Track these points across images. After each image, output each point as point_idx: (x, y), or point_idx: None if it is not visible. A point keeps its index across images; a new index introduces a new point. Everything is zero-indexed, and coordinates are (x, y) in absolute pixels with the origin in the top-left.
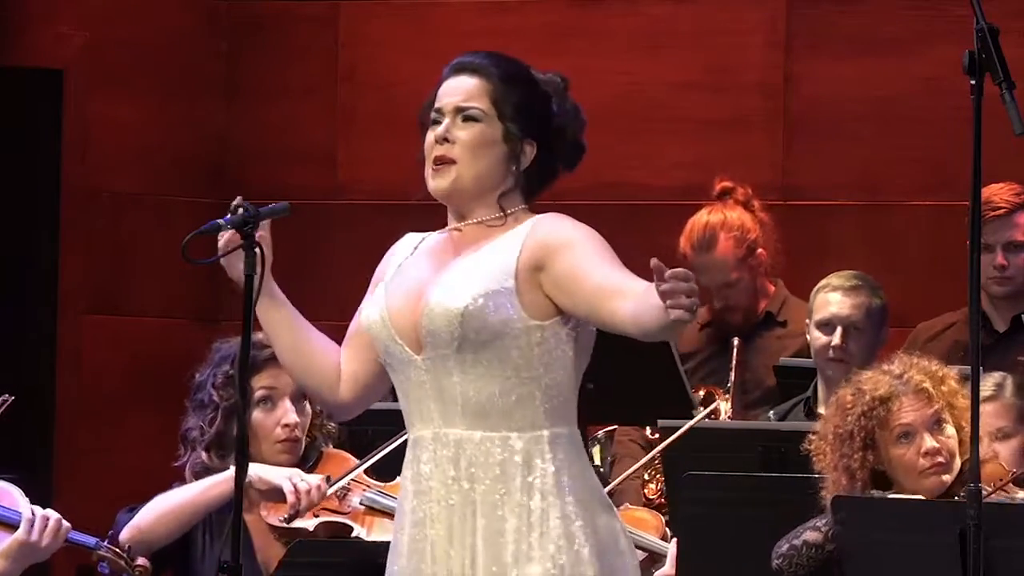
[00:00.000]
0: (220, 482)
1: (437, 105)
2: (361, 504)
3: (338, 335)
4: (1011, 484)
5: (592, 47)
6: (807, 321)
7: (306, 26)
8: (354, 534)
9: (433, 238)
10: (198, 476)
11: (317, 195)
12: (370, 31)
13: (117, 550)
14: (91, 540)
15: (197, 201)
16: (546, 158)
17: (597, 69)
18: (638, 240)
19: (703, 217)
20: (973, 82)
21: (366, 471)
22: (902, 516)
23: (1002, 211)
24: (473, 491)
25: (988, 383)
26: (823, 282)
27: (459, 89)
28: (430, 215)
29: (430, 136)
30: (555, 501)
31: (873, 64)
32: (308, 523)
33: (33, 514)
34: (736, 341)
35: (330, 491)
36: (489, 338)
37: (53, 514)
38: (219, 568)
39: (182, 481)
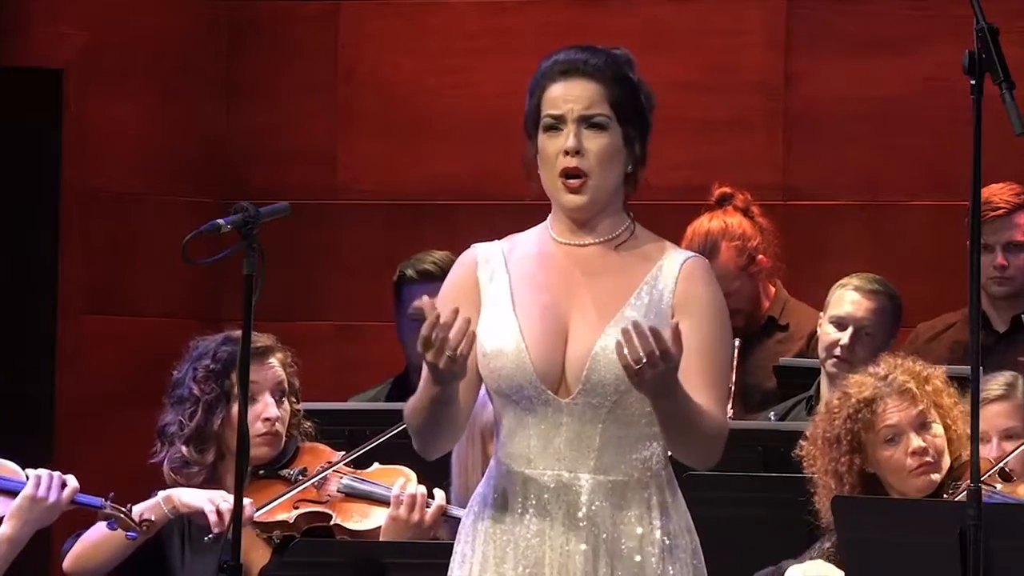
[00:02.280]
0: (151, 507)
1: (555, 112)
2: (339, 492)
3: (338, 335)
4: (996, 476)
5: None
6: (821, 314)
7: (306, 26)
8: (333, 522)
9: (522, 249)
10: (176, 471)
11: (317, 195)
12: (370, 31)
13: (122, 509)
14: (97, 501)
15: (197, 201)
16: (644, 148)
17: None
18: None
19: (704, 225)
20: (973, 82)
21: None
22: (902, 516)
23: (1002, 211)
24: (602, 535)
25: (999, 382)
26: (845, 279)
27: (579, 95)
28: (431, 215)
29: (550, 144)
30: (681, 536)
31: (873, 64)
32: (288, 515)
33: (35, 476)
34: (737, 343)
35: (309, 483)
36: None
37: (56, 473)
38: (219, 568)
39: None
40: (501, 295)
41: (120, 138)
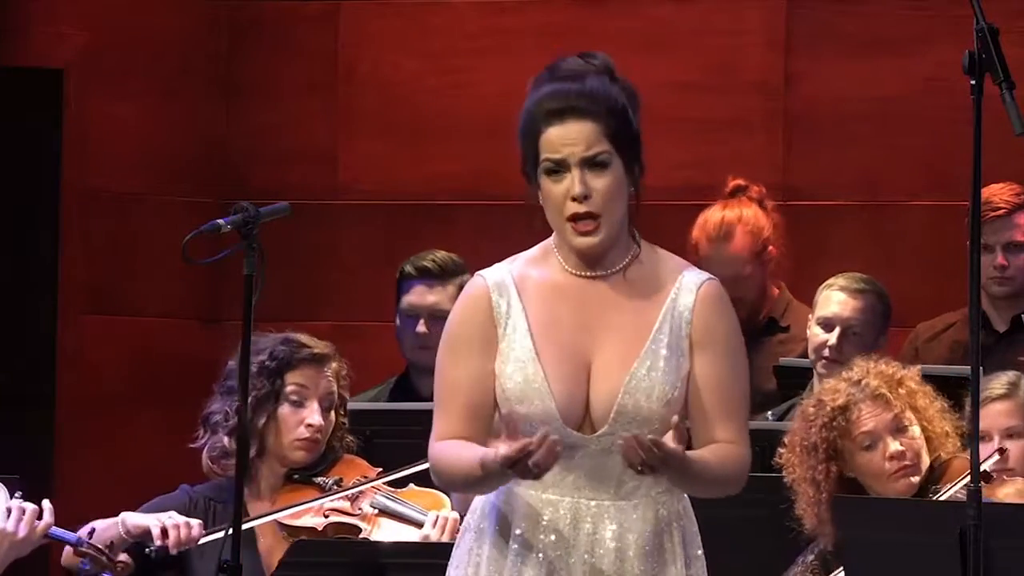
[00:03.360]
0: (109, 526)
1: (556, 156)
2: (372, 507)
3: (338, 335)
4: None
5: (592, 47)
6: (809, 317)
7: (306, 26)
8: (362, 535)
9: (530, 278)
10: (215, 461)
11: (317, 195)
12: (370, 31)
13: (99, 547)
14: (72, 536)
15: (197, 201)
16: (641, 162)
17: None
18: None
19: (719, 211)
20: (973, 82)
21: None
22: (902, 516)
23: (1002, 211)
24: (624, 558)
25: (1001, 381)
26: (831, 280)
27: (577, 137)
28: (431, 215)
29: (555, 188)
30: (696, 553)
31: (873, 64)
32: (318, 521)
33: (9, 508)
34: None
35: (341, 495)
36: (668, 417)
37: (30, 505)
38: (219, 568)
39: (183, 475)
40: (520, 333)
41: (120, 138)
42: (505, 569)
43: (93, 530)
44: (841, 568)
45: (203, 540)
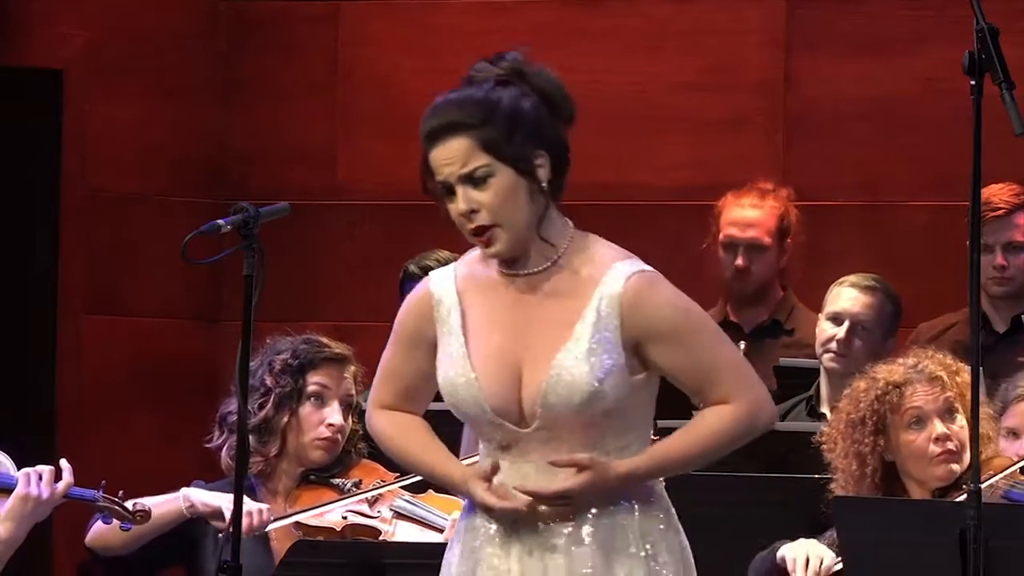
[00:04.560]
0: (168, 501)
1: (439, 179)
2: (391, 510)
3: (337, 335)
4: (1018, 473)
5: (592, 47)
6: (820, 315)
7: (306, 26)
8: (382, 537)
9: (470, 277)
10: (235, 459)
11: (317, 195)
12: (370, 31)
13: (115, 499)
14: (90, 493)
15: (197, 201)
16: (556, 148)
17: (597, 69)
18: (638, 240)
19: (751, 189)
20: (973, 82)
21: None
22: (902, 516)
23: (1002, 211)
24: (575, 552)
25: None
26: (843, 278)
27: (453, 156)
28: (431, 215)
29: (452, 208)
30: (664, 537)
31: (873, 64)
32: (337, 522)
33: (28, 473)
34: (742, 345)
35: (361, 496)
36: (605, 412)
37: (45, 467)
38: (219, 568)
39: (183, 475)
40: (456, 335)
41: (120, 138)
42: (471, 570)
43: (142, 507)
44: None
45: (284, 521)
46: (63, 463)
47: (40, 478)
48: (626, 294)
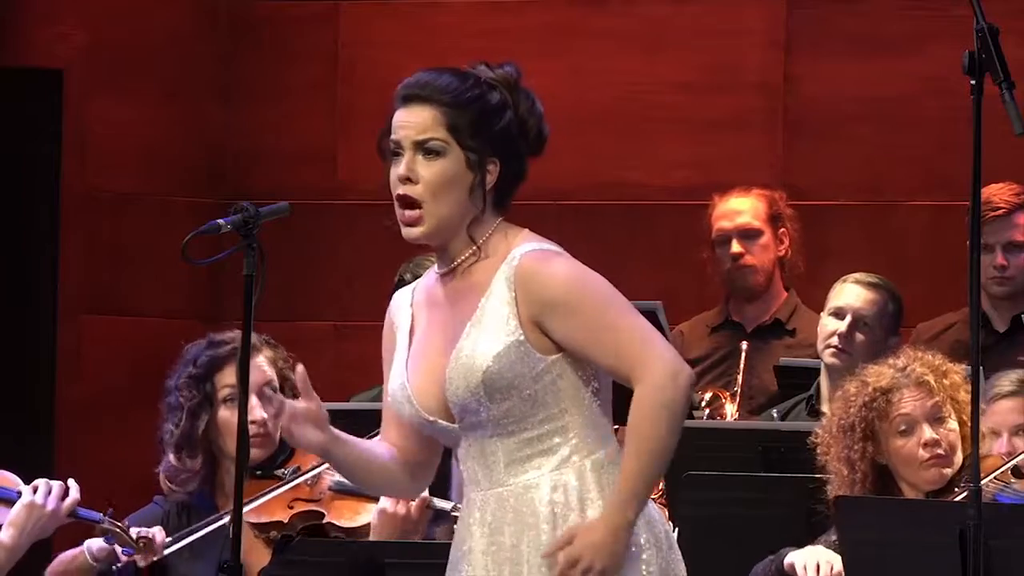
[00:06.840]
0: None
1: (394, 138)
2: (330, 489)
3: (337, 335)
4: (1008, 473)
5: (592, 47)
6: (822, 313)
7: (306, 26)
8: (325, 520)
9: (423, 289)
10: (170, 479)
11: (317, 195)
12: (370, 31)
13: (120, 524)
14: (96, 515)
15: (197, 201)
16: (513, 165)
17: (597, 69)
18: (638, 240)
19: (735, 188)
20: (973, 82)
21: None
22: (902, 516)
23: (1002, 211)
24: (522, 542)
25: (1011, 378)
26: (846, 276)
27: (414, 121)
28: None
29: (392, 172)
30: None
31: (873, 64)
32: (284, 515)
33: (36, 485)
34: (744, 345)
35: (296, 481)
36: (513, 391)
37: (55, 482)
38: (219, 568)
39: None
40: (402, 345)
41: (120, 138)
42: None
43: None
44: None
45: (178, 545)
46: (71, 482)
47: (49, 491)
48: (519, 268)
